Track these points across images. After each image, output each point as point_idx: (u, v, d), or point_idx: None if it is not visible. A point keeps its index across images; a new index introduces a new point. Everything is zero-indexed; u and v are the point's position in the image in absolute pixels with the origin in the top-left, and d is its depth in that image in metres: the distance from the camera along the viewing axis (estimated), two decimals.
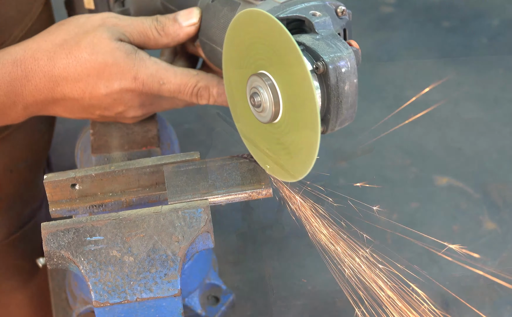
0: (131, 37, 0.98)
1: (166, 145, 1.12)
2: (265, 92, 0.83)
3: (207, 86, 0.98)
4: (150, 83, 0.96)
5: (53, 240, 0.84)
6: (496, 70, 1.81)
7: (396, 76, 1.72)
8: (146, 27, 0.99)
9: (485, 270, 1.18)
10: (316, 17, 0.85)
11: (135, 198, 0.94)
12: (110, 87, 0.96)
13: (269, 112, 0.84)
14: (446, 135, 1.68)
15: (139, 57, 0.96)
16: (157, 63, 0.97)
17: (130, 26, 0.98)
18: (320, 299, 1.17)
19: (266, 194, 0.90)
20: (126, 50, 0.95)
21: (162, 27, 0.99)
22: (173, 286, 0.85)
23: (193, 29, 0.99)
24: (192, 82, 0.98)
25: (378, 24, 1.89)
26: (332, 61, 0.81)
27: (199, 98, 0.99)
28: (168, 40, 0.99)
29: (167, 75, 0.97)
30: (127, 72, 0.95)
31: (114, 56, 0.95)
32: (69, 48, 0.95)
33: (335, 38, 0.84)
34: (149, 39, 0.99)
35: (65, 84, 0.95)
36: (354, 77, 0.83)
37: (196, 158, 0.95)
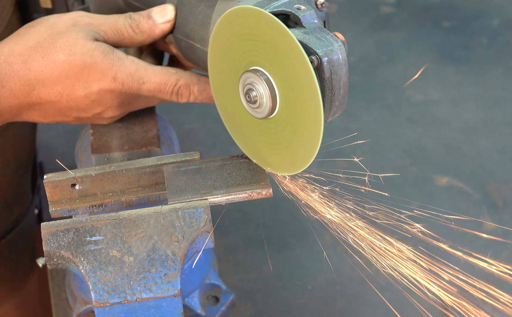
0: (106, 36, 0.96)
1: (166, 145, 1.12)
2: (261, 87, 0.84)
3: (188, 84, 0.97)
4: (129, 82, 0.95)
5: (53, 240, 0.84)
6: (496, 70, 1.81)
7: (396, 76, 1.72)
8: (121, 25, 0.97)
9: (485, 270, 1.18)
10: (301, 11, 0.86)
11: (135, 198, 0.94)
12: (88, 88, 0.94)
13: (266, 107, 0.84)
14: (446, 135, 1.68)
15: (117, 57, 0.95)
16: (135, 62, 0.96)
17: (104, 25, 0.96)
18: (320, 299, 1.17)
19: (266, 194, 0.90)
20: (104, 50, 0.94)
21: (136, 25, 0.97)
22: (173, 286, 0.85)
23: (168, 26, 0.98)
24: (172, 80, 0.97)
25: (378, 24, 1.89)
26: (326, 54, 0.82)
27: (180, 96, 0.98)
28: (144, 37, 0.98)
29: (146, 74, 0.95)
30: (106, 73, 0.94)
31: (92, 57, 0.93)
32: (45, 50, 0.92)
33: (323, 31, 0.85)
34: (124, 37, 0.97)
35: (41, 88, 0.93)
36: (346, 69, 0.84)
37: (196, 158, 0.95)
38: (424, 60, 1.85)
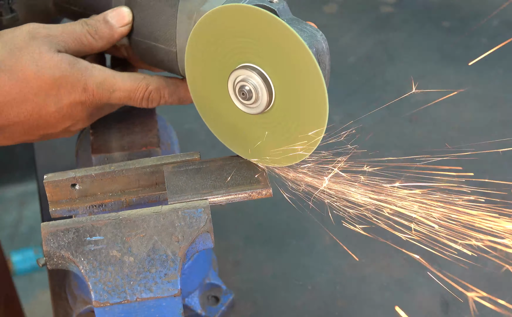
0: (67, 45, 0.93)
1: (166, 145, 1.12)
2: (254, 81, 0.84)
3: (158, 88, 0.95)
4: (100, 92, 0.92)
5: (53, 240, 0.84)
6: (496, 70, 1.81)
7: (396, 76, 1.72)
8: (79, 33, 0.94)
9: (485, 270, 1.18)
10: (274, 3, 0.86)
11: (135, 198, 0.94)
12: (60, 102, 0.91)
13: (263, 99, 0.85)
14: (446, 135, 1.68)
15: (84, 67, 0.92)
16: (102, 70, 0.93)
17: (63, 35, 0.93)
18: (320, 299, 1.17)
19: (266, 194, 0.90)
20: (70, 61, 0.91)
21: (95, 31, 0.94)
22: (173, 286, 0.85)
23: (126, 30, 0.96)
24: (142, 86, 0.94)
25: (378, 24, 1.89)
26: (312, 45, 0.83)
27: (150, 102, 0.96)
28: (103, 43, 0.95)
29: (116, 82, 0.93)
30: (76, 84, 0.91)
31: (61, 69, 0.90)
32: (9, 70, 0.89)
33: (301, 23, 0.86)
34: (84, 45, 0.94)
35: (10, 109, 0.90)
36: (329, 57, 0.86)
37: (196, 158, 0.95)
38: (424, 60, 1.85)
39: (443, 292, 1.15)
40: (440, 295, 1.15)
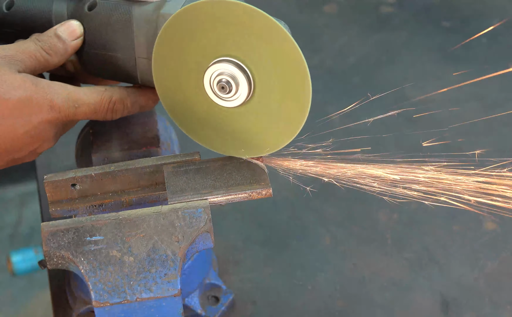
0: (24, 64, 0.90)
1: (166, 145, 1.12)
2: (232, 71, 0.84)
3: (122, 99, 0.94)
4: (65, 108, 0.90)
5: (53, 240, 0.84)
6: (496, 70, 1.81)
7: (396, 76, 1.72)
8: (33, 50, 0.91)
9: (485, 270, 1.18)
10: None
11: (135, 198, 0.94)
12: (28, 124, 0.88)
13: (244, 90, 0.85)
14: (446, 135, 1.68)
15: (47, 85, 0.89)
16: (64, 86, 0.91)
17: (18, 55, 0.90)
18: (320, 299, 1.17)
19: (266, 194, 0.90)
20: (32, 81, 0.88)
21: (49, 47, 0.92)
22: (173, 286, 0.85)
23: (79, 42, 0.94)
24: (106, 98, 0.93)
25: (378, 24, 1.89)
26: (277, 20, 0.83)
27: (115, 113, 0.95)
28: (58, 59, 0.93)
29: (80, 97, 0.91)
30: (42, 103, 0.88)
31: (25, 90, 0.87)
32: None
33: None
34: (40, 63, 0.92)
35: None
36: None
37: (196, 158, 0.95)
38: (424, 60, 1.85)
39: (443, 292, 1.15)
40: (440, 295, 1.15)
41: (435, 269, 1.19)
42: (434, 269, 1.19)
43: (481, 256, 1.22)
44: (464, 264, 1.20)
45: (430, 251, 1.22)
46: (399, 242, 1.24)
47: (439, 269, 1.19)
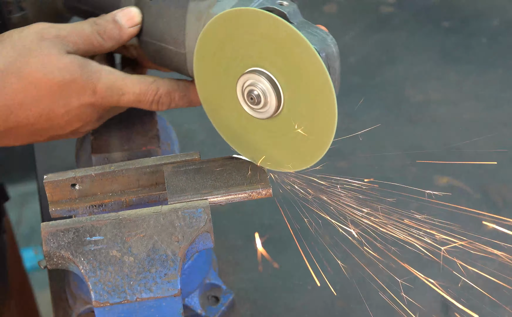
0: (76, 46, 0.92)
1: (166, 145, 1.12)
2: (263, 85, 0.83)
3: (169, 92, 0.95)
4: (109, 95, 0.92)
5: (53, 240, 0.84)
6: (496, 70, 1.81)
7: (396, 76, 1.72)
8: (89, 33, 0.93)
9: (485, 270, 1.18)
10: (284, 6, 0.85)
11: (135, 198, 0.94)
12: (68, 105, 0.91)
13: (272, 104, 0.84)
14: (446, 135, 1.68)
15: (94, 69, 0.91)
16: (112, 72, 0.92)
17: (72, 36, 0.92)
18: (320, 299, 1.17)
19: (266, 194, 0.90)
20: (80, 63, 0.90)
21: (104, 31, 0.93)
22: (173, 286, 0.85)
23: (136, 30, 0.94)
24: (152, 90, 0.93)
25: (378, 24, 1.89)
26: (323, 49, 0.82)
27: (160, 105, 0.95)
28: (112, 43, 0.94)
29: (125, 85, 0.92)
30: (86, 87, 0.90)
31: (70, 72, 0.89)
32: (18, 72, 0.87)
33: (311, 26, 0.85)
34: (93, 46, 0.93)
35: (19, 111, 0.89)
36: (339, 62, 0.85)
37: (196, 158, 0.95)
38: (424, 60, 1.85)
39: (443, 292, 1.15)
40: (440, 295, 1.15)
41: (434, 269, 1.19)
42: (433, 269, 1.19)
43: (481, 256, 1.22)
44: (464, 264, 1.20)
45: (429, 250, 1.22)
46: (399, 242, 1.24)
47: (439, 269, 1.19)
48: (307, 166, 0.88)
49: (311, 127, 0.85)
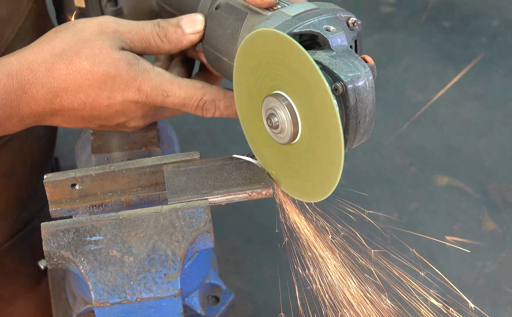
0: (132, 44, 0.95)
1: (166, 145, 1.12)
2: (282, 112, 0.82)
3: (214, 100, 0.96)
4: (154, 95, 0.94)
5: (53, 240, 0.84)
6: (496, 70, 1.81)
7: (396, 76, 1.72)
8: (148, 33, 0.95)
9: (485, 270, 1.18)
10: (330, 32, 0.83)
11: (135, 198, 0.94)
12: (112, 98, 0.93)
13: (288, 133, 0.82)
14: (446, 135, 1.68)
15: (143, 68, 0.93)
16: (161, 74, 0.94)
17: (131, 33, 0.95)
18: (320, 299, 1.17)
19: (266, 194, 0.90)
20: (129, 61, 0.92)
21: (164, 34, 0.96)
22: (173, 286, 0.85)
23: (197, 37, 0.96)
24: (198, 95, 0.95)
25: (378, 24, 1.89)
26: (351, 81, 0.79)
27: (205, 111, 0.97)
28: (171, 47, 0.96)
29: (171, 88, 0.94)
30: (131, 84, 0.93)
31: (117, 68, 0.92)
32: (69, 59, 0.91)
33: (351, 55, 0.82)
34: (151, 46, 0.96)
35: (64, 95, 0.92)
36: (372, 97, 0.82)
37: (196, 158, 0.95)
38: (424, 60, 1.85)
39: (443, 292, 1.15)
40: (440, 295, 1.15)
41: (435, 269, 1.19)
42: (434, 269, 1.19)
43: (481, 256, 1.22)
44: (464, 264, 1.20)
45: (430, 251, 1.22)
46: (399, 242, 1.24)
47: (439, 269, 1.19)
48: (311, 200, 0.87)
49: (320, 163, 0.82)
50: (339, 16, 0.87)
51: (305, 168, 0.84)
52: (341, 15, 0.87)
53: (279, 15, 0.87)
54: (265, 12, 0.89)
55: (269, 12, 0.89)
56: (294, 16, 0.86)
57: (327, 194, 0.83)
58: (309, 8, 0.87)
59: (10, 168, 1.16)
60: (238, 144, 0.96)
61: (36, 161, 1.22)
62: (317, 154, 0.82)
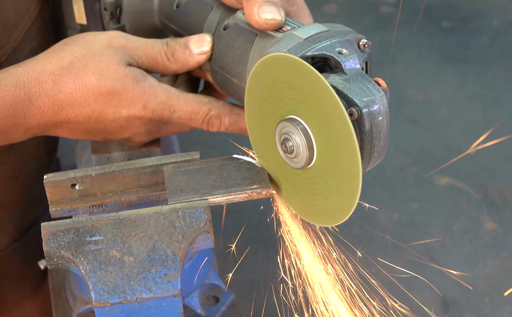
0: (140, 60, 0.95)
1: (166, 145, 1.12)
2: (297, 137, 0.81)
3: (219, 115, 0.96)
4: (160, 110, 0.94)
5: (53, 240, 0.84)
6: (496, 70, 1.81)
7: (396, 76, 1.72)
8: (156, 51, 0.96)
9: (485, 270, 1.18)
10: (343, 55, 0.83)
11: (135, 198, 0.94)
12: (117, 113, 0.94)
13: (303, 157, 0.82)
14: (446, 135, 1.68)
15: (149, 85, 0.94)
16: (167, 90, 0.95)
17: (139, 50, 0.95)
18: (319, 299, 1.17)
19: (266, 194, 0.90)
20: (135, 77, 0.93)
21: (172, 53, 0.96)
22: (173, 286, 0.85)
23: (204, 58, 0.96)
24: (204, 110, 0.96)
25: (378, 24, 1.89)
26: (367, 106, 0.79)
27: (210, 126, 0.97)
28: (178, 66, 0.97)
29: (178, 103, 0.95)
30: (136, 100, 0.93)
31: (123, 83, 0.92)
32: (76, 72, 0.92)
33: (364, 79, 0.82)
34: (158, 64, 0.96)
35: (70, 109, 0.93)
36: (387, 121, 0.81)
37: (196, 158, 0.95)
38: (424, 60, 1.85)
39: (443, 292, 1.15)
40: (440, 295, 1.15)
41: (435, 269, 1.19)
42: (434, 269, 1.19)
43: (481, 256, 1.22)
44: (464, 264, 1.20)
45: (430, 251, 1.22)
46: (399, 242, 1.24)
47: (439, 269, 1.19)
48: (328, 224, 0.86)
49: (336, 187, 0.81)
50: (351, 38, 0.86)
51: (320, 192, 0.84)
52: (352, 37, 0.86)
53: (291, 37, 0.86)
54: (275, 34, 0.89)
55: (280, 34, 0.88)
56: (306, 39, 0.85)
57: (343, 219, 0.82)
58: (321, 30, 0.86)
59: (16, 170, 1.16)
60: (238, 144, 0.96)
61: (40, 163, 1.22)
62: (334, 178, 0.81)
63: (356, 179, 0.78)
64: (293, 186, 0.87)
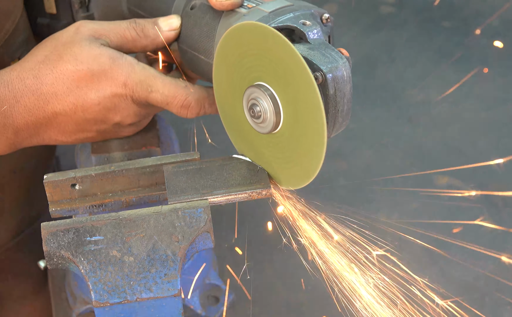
0: (109, 39, 0.97)
1: (166, 145, 1.12)
2: (265, 102, 0.83)
3: (198, 100, 0.97)
4: (139, 90, 0.95)
5: (53, 240, 0.84)
6: (496, 70, 1.81)
7: (396, 76, 1.72)
8: (123, 28, 0.97)
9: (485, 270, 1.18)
10: (307, 26, 0.86)
11: (135, 198, 0.94)
12: (101, 95, 0.94)
13: (270, 122, 0.84)
14: (446, 135, 1.68)
15: (127, 62, 0.95)
16: (146, 69, 0.95)
17: (106, 29, 0.97)
18: (320, 299, 1.17)
19: (266, 194, 0.90)
20: (111, 56, 0.94)
21: (141, 29, 0.98)
22: (173, 286, 0.85)
23: (173, 34, 0.98)
24: (182, 95, 0.96)
25: (378, 24, 1.89)
26: (330, 71, 0.82)
27: (190, 110, 0.98)
28: (147, 42, 0.98)
29: (155, 82, 0.95)
30: (116, 78, 0.94)
31: (99, 63, 0.94)
32: (52, 63, 0.94)
33: (327, 47, 0.84)
34: (127, 41, 0.98)
35: (55, 101, 0.94)
36: (350, 86, 0.85)
37: (196, 158, 0.95)
38: (424, 60, 1.85)
39: (443, 292, 1.15)
40: (440, 295, 1.15)
41: (435, 269, 1.19)
42: (434, 269, 1.19)
43: (481, 256, 1.22)
44: (464, 264, 1.20)
45: (430, 251, 1.22)
46: (399, 242, 1.24)
47: (439, 269, 1.19)
48: (296, 186, 0.88)
49: (303, 149, 0.84)
50: (314, 12, 0.89)
51: (287, 155, 0.86)
52: (315, 11, 0.89)
53: (256, 12, 0.89)
54: (241, 10, 0.91)
55: (245, 10, 0.91)
56: (270, 12, 0.88)
57: (311, 178, 0.85)
58: (285, 5, 0.89)
59: (16, 164, 1.17)
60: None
61: (40, 158, 1.23)
62: (300, 141, 0.83)
63: (321, 141, 0.80)
64: (265, 151, 0.89)
